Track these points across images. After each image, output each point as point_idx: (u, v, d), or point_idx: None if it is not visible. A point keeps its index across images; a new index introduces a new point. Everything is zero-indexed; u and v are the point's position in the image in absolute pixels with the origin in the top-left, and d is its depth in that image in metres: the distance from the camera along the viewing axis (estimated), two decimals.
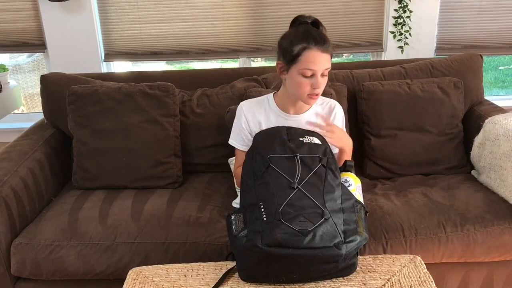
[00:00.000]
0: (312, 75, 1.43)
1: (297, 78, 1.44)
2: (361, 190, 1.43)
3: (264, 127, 1.56)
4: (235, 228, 1.25)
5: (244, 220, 1.24)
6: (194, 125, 2.02)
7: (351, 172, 1.42)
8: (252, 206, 1.24)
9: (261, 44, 2.65)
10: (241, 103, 1.65)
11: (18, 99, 2.60)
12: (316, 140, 1.37)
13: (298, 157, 1.28)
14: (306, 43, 1.41)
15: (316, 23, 1.50)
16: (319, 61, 1.41)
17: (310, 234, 1.16)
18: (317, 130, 1.47)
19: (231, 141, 1.67)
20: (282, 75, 1.51)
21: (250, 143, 1.49)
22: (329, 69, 1.46)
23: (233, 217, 1.27)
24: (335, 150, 1.55)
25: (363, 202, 1.38)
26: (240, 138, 1.63)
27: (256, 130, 1.56)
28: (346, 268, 1.24)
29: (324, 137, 1.44)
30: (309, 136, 1.38)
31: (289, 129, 1.41)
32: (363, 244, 1.27)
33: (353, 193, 1.34)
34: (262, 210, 1.21)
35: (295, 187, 1.22)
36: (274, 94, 1.63)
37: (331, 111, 1.64)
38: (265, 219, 1.19)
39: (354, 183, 1.39)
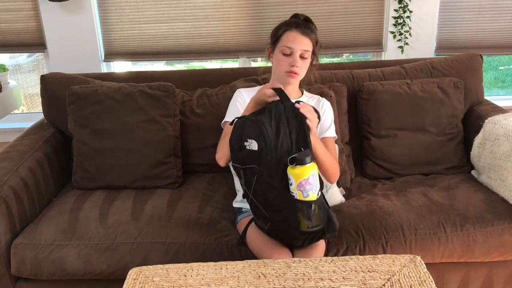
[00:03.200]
0: (291, 54, 1.57)
1: (278, 56, 1.60)
2: (309, 182, 1.32)
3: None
4: None
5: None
6: (194, 125, 2.02)
7: (301, 164, 1.31)
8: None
9: (261, 44, 2.65)
10: (239, 89, 1.77)
11: (18, 99, 2.60)
12: (254, 145, 1.36)
13: (241, 170, 1.41)
14: (288, 26, 1.60)
15: (306, 20, 1.62)
16: (298, 41, 1.56)
17: (269, 229, 1.44)
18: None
19: (227, 119, 1.68)
20: (270, 58, 1.67)
21: None
22: (310, 53, 1.59)
23: None
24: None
25: (312, 194, 1.32)
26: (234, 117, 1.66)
27: None
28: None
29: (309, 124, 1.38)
30: (250, 138, 1.37)
31: (242, 127, 1.39)
32: (329, 235, 1.40)
33: (295, 193, 1.32)
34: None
35: (248, 197, 1.43)
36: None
37: (318, 103, 1.71)
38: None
39: (294, 182, 1.32)
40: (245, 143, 1.38)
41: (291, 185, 1.33)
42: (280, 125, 1.36)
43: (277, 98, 1.43)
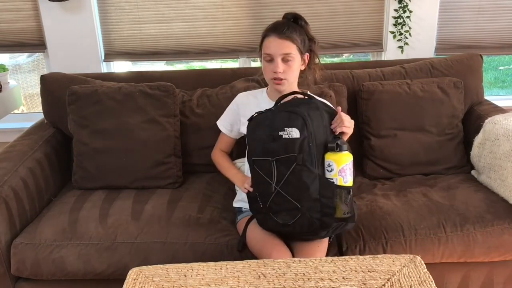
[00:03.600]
0: (272, 60, 1.56)
1: (263, 64, 1.61)
2: (349, 167, 1.41)
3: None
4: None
5: (249, 196, 1.53)
6: (194, 125, 2.02)
7: (341, 151, 1.40)
8: (254, 190, 1.49)
9: None
10: (239, 94, 1.80)
11: (18, 99, 2.60)
12: (295, 133, 1.39)
13: (274, 162, 1.40)
14: (267, 32, 1.58)
15: (296, 18, 1.60)
16: (275, 46, 1.54)
17: (290, 226, 1.41)
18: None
19: (219, 123, 1.79)
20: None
21: (235, 131, 1.76)
22: (295, 55, 1.56)
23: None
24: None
25: (350, 180, 1.41)
26: (228, 124, 1.77)
27: (245, 119, 1.63)
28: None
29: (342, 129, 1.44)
30: (288, 127, 1.40)
31: (273, 118, 1.43)
32: (350, 225, 1.45)
33: (335, 179, 1.39)
34: (258, 199, 1.47)
35: (273, 189, 1.41)
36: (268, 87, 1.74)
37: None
38: (261, 206, 1.46)
39: (336, 167, 1.38)
40: (281, 133, 1.39)
41: (331, 171, 1.39)
42: (316, 115, 1.42)
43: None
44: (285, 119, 1.41)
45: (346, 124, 1.44)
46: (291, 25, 1.56)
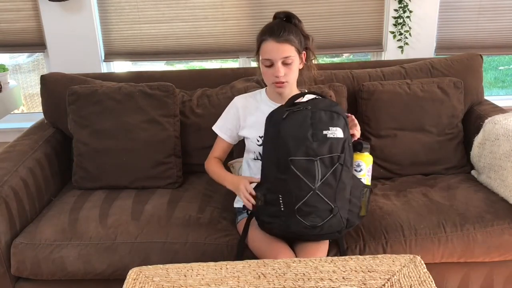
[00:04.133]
0: (272, 64, 1.53)
1: (262, 68, 1.58)
2: (371, 169, 1.50)
3: (255, 119, 1.63)
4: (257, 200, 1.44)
5: (265, 200, 1.43)
6: (194, 125, 2.02)
7: (365, 152, 1.48)
8: (272, 193, 1.41)
9: None
10: (236, 96, 1.74)
11: (18, 99, 2.60)
12: (339, 132, 1.39)
13: (318, 162, 1.37)
14: (263, 36, 1.54)
15: (289, 17, 1.57)
16: (274, 51, 1.51)
17: (318, 227, 1.39)
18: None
19: (217, 128, 1.73)
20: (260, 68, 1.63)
21: (234, 136, 1.70)
22: (294, 57, 1.53)
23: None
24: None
25: (370, 181, 1.49)
26: (227, 129, 1.70)
27: (245, 123, 1.65)
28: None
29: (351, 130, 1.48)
30: (333, 126, 1.40)
31: (313, 117, 1.40)
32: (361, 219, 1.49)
33: (363, 178, 1.46)
34: (280, 201, 1.39)
35: (312, 190, 1.36)
36: (267, 87, 1.71)
37: None
38: (282, 209, 1.39)
39: (365, 167, 1.46)
40: (325, 132, 1.38)
41: (360, 171, 1.45)
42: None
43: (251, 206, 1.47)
44: (328, 118, 1.40)
45: (358, 128, 1.51)
46: (287, 26, 1.52)
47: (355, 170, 1.46)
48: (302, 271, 1.22)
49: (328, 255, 1.51)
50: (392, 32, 2.59)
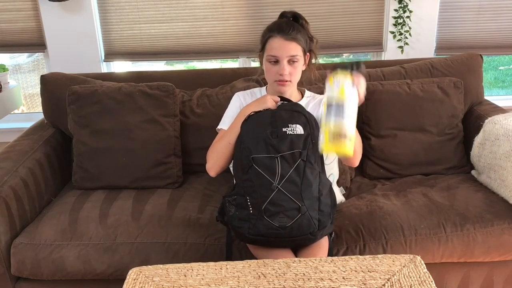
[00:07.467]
0: (277, 61, 1.52)
1: (266, 65, 1.56)
2: (349, 87, 1.26)
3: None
4: (227, 209, 1.46)
5: (235, 204, 1.43)
6: (194, 125, 2.02)
7: (354, 70, 1.29)
8: (240, 196, 1.41)
9: None
10: (237, 93, 1.72)
11: (18, 99, 2.60)
12: (299, 129, 1.40)
13: (278, 158, 1.37)
14: (271, 32, 1.53)
15: (296, 17, 1.58)
16: (282, 48, 1.50)
17: (288, 228, 1.36)
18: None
19: (221, 126, 1.65)
20: (262, 65, 1.61)
21: None
22: (300, 56, 1.52)
23: (227, 201, 1.47)
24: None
25: (350, 99, 1.25)
26: (229, 121, 1.62)
27: None
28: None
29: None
30: (292, 124, 1.40)
31: (273, 116, 1.42)
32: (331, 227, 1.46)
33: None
34: (249, 203, 1.39)
35: (274, 188, 1.36)
36: (267, 85, 1.71)
37: (320, 103, 1.66)
38: (251, 211, 1.38)
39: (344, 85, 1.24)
40: (285, 129, 1.39)
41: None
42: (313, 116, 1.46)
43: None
44: (287, 116, 1.41)
45: (363, 87, 1.32)
46: (295, 26, 1.52)
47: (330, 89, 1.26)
48: (302, 271, 1.22)
49: (329, 255, 1.51)
50: (392, 32, 2.59)
